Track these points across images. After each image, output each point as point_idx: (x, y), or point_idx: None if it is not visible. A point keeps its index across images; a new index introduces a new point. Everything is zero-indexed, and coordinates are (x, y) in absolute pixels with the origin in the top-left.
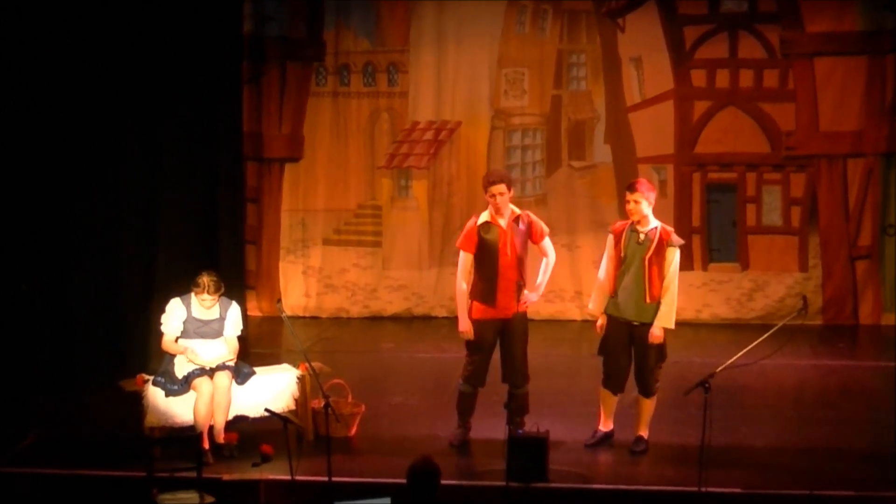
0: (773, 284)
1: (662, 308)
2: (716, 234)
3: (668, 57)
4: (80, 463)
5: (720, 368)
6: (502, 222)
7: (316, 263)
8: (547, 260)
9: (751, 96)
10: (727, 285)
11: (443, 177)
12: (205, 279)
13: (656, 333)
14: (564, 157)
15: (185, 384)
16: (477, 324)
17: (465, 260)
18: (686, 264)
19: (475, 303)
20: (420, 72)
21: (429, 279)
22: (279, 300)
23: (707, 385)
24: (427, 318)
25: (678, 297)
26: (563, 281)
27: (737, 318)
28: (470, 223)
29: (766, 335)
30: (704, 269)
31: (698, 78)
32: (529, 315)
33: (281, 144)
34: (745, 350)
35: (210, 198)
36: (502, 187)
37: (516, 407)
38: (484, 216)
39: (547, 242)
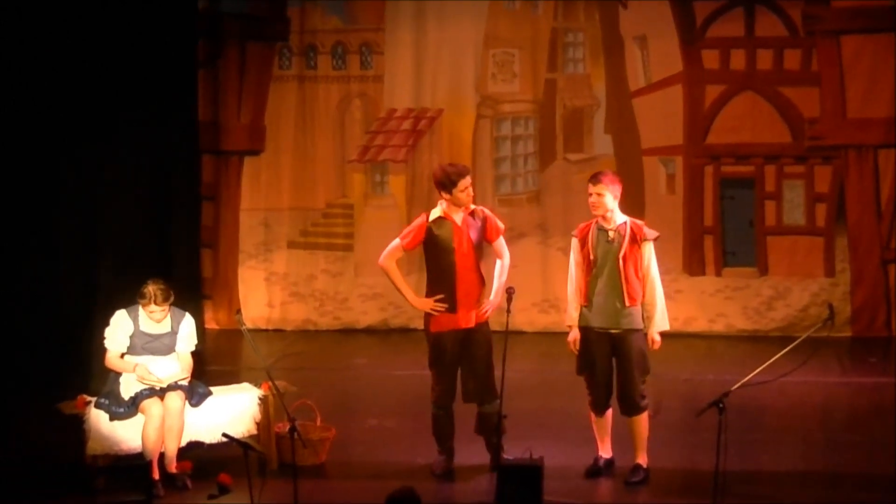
0: (796, 291)
1: (656, 310)
2: (731, 234)
3: (676, 36)
4: (14, 495)
5: (736, 386)
6: (457, 217)
7: (280, 269)
8: (501, 262)
9: (770, 79)
10: (744, 292)
11: (423, 171)
12: (150, 288)
13: (656, 339)
14: (560, 149)
15: (133, 406)
16: (436, 337)
17: (395, 248)
18: (698, 269)
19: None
20: (397, 53)
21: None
22: (238, 311)
23: (722, 405)
24: (405, 331)
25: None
26: (560, 289)
27: (755, 329)
28: (420, 219)
29: (787, 348)
30: (718, 274)
31: (711, 59)
32: (522, 326)
33: (240, 135)
34: (764, 365)
35: (161, 196)
36: (470, 178)
37: (489, 428)
38: (436, 212)
39: (501, 242)
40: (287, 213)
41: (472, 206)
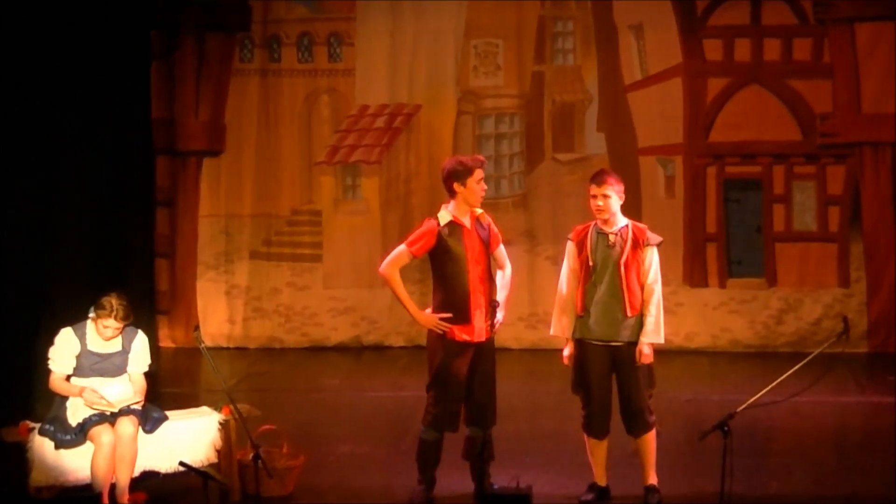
0: (808, 303)
1: (647, 319)
2: (736, 242)
3: (675, 24)
4: None
5: (743, 407)
6: (466, 222)
7: (242, 282)
8: (503, 273)
9: (778, 72)
10: (751, 305)
11: (399, 173)
12: (114, 301)
13: (645, 352)
14: (548, 149)
15: (81, 433)
16: (447, 353)
17: (401, 256)
18: (700, 280)
19: None
20: (369, 44)
21: (382, 300)
22: (197, 327)
23: (727, 427)
24: (380, 348)
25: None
26: (549, 302)
27: (763, 344)
28: (429, 224)
29: (799, 366)
30: (722, 285)
31: (713, 50)
32: (508, 343)
33: (198, 135)
34: (773, 384)
35: (111, 201)
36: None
37: (477, 453)
38: (445, 216)
39: (502, 250)
40: (249, 220)
41: (478, 211)
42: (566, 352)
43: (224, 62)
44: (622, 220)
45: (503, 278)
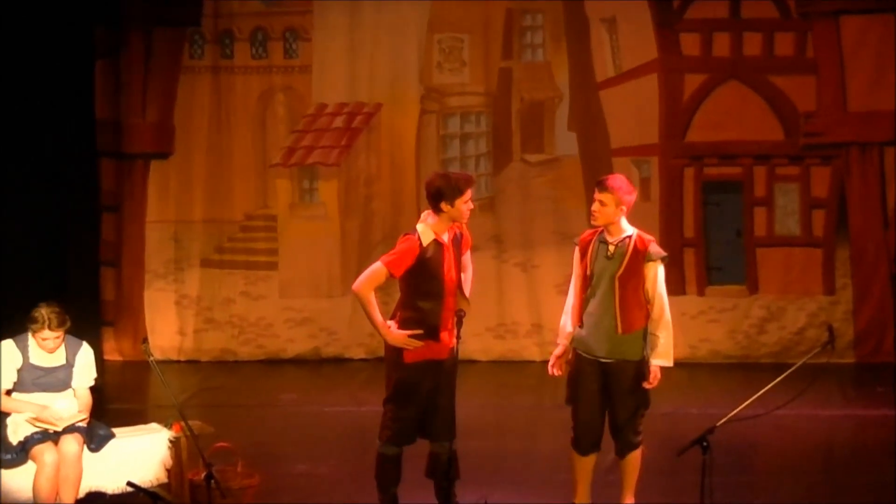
0: (791, 312)
1: (660, 340)
2: (716, 247)
3: (650, 17)
4: None
5: (723, 421)
6: (445, 238)
7: (193, 291)
8: (465, 276)
9: (759, 67)
10: (731, 314)
11: (358, 175)
12: (43, 311)
13: (657, 374)
14: (516, 149)
15: (22, 452)
16: (412, 368)
17: (378, 274)
18: (677, 287)
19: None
20: (327, 39)
21: (341, 310)
22: (145, 340)
23: (706, 443)
24: (339, 361)
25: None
26: (518, 311)
27: (744, 355)
28: (410, 241)
29: (782, 377)
30: (701, 293)
31: (690, 44)
32: (476, 355)
33: (145, 136)
34: (755, 397)
35: (53, 206)
36: None
37: (443, 471)
38: (427, 233)
39: (468, 256)
40: (200, 225)
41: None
42: (555, 352)
43: (173, 59)
44: (627, 231)
45: (465, 282)
